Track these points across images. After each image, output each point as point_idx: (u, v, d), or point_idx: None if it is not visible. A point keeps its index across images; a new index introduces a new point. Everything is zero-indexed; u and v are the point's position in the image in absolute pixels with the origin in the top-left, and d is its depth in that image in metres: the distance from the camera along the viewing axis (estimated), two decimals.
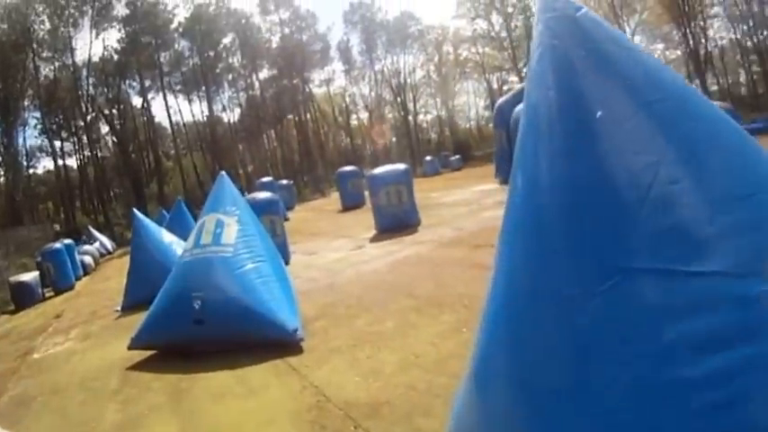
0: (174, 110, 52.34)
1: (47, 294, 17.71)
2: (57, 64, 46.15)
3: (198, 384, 5.63)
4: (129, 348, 6.88)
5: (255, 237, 6.84)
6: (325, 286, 8.80)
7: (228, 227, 6.71)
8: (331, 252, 12.35)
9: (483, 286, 2.00)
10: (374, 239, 12.38)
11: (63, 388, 7.09)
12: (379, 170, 13.92)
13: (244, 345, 5.97)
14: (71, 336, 10.63)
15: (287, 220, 20.34)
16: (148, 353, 7.01)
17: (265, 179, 25.77)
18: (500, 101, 18.06)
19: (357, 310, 6.97)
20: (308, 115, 51.50)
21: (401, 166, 13.89)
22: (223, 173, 7.65)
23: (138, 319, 8.93)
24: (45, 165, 49.61)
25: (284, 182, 31.33)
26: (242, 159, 52.82)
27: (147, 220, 12.08)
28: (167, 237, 12.05)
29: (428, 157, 43.59)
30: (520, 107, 3.47)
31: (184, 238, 10.32)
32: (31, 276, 17.57)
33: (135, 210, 12.41)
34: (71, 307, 14.23)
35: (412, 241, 11.22)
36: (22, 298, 16.79)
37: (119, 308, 11.54)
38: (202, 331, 6.07)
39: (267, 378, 5.21)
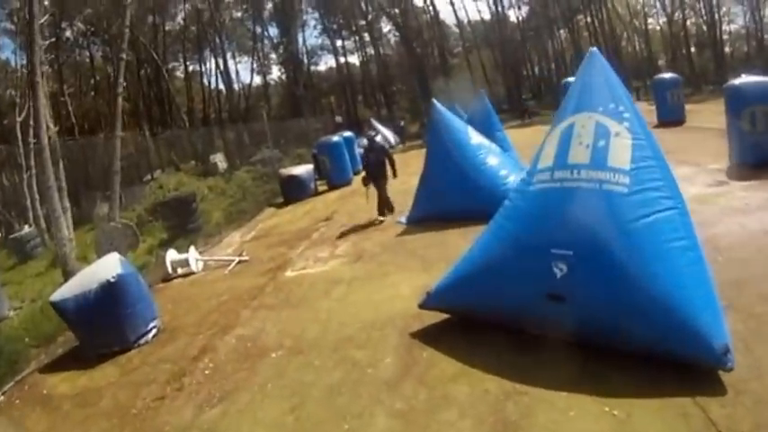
0: (458, 6, 49.95)
1: (319, 188, 16.67)
2: None
3: (537, 419, 3.25)
4: (421, 307, 4.97)
5: (655, 164, 3.65)
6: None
7: (617, 140, 3.60)
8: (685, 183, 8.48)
9: None
10: (737, 175, 8.72)
11: (308, 346, 5.32)
12: (744, 81, 9.83)
13: (623, 350, 3.57)
14: (338, 251, 8.72)
15: None
16: (448, 318, 4.90)
17: (570, 79, 20.84)
18: None
19: None
20: (601, 16, 44.24)
21: None
22: (594, 49, 4.48)
23: (431, 241, 7.61)
24: (327, 61, 51.96)
25: None
26: (529, 60, 48.43)
27: (448, 114, 9.60)
28: (475, 137, 9.32)
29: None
30: None
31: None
32: (303, 170, 16.68)
33: (434, 101, 9.66)
34: (344, 208, 12.73)
35: None
36: (292, 191, 16.06)
37: (403, 219, 9.61)
38: (558, 312, 3.62)
39: None
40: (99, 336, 6.46)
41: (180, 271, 9.86)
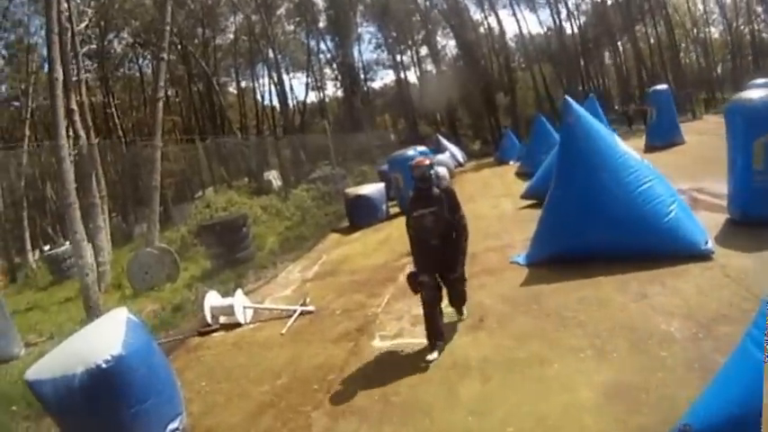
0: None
1: (391, 211, 14.09)
2: None
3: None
4: None
5: None
6: None
7: None
8: None
9: None
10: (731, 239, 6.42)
11: None
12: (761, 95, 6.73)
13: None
14: (445, 306, 5.91)
15: None
16: None
17: (660, 87, 17.97)
18: None
19: None
20: (659, 26, 40.78)
21: None
22: None
23: (580, 297, 5.45)
24: (382, 77, 50.46)
25: None
26: (586, 73, 45.14)
27: (588, 117, 6.75)
28: (620, 144, 6.51)
29: None
30: None
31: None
32: (373, 189, 14.13)
33: (567, 97, 7.03)
34: None
35: None
36: (360, 215, 13.58)
37: (520, 258, 6.85)
38: None
39: None
40: None
41: (222, 320, 7.43)
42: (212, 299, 7.47)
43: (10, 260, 18.83)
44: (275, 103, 43.07)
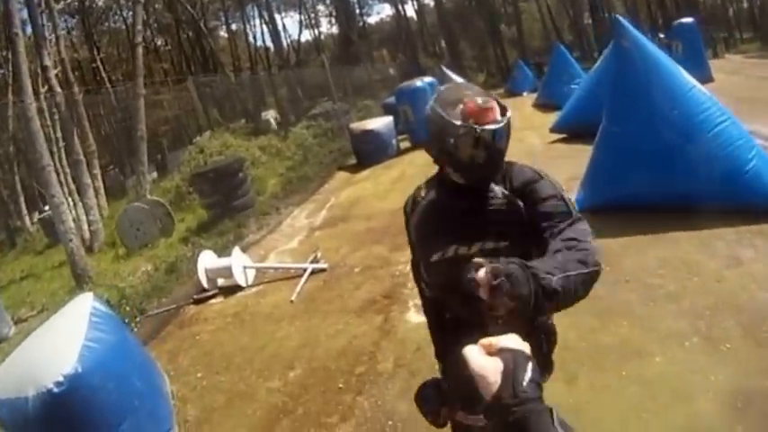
0: None
1: (401, 147, 12.83)
2: None
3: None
4: None
5: None
6: None
7: None
8: None
9: None
10: None
11: None
12: None
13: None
14: None
15: None
16: None
17: (685, 20, 16.32)
18: None
19: None
20: None
21: None
22: None
23: (658, 257, 4.33)
24: (377, 11, 49.00)
25: None
26: (592, 5, 42.86)
27: (644, 39, 5.68)
28: (686, 75, 5.19)
29: None
30: None
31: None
32: (381, 123, 12.84)
33: (619, 17, 5.73)
34: None
35: None
36: (369, 151, 12.30)
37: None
38: None
39: None
40: None
41: (221, 282, 6.36)
42: (207, 260, 6.37)
43: (8, 226, 17.94)
44: (269, 44, 41.69)
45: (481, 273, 1.12)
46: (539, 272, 1.18)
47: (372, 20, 50.68)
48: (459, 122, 1.47)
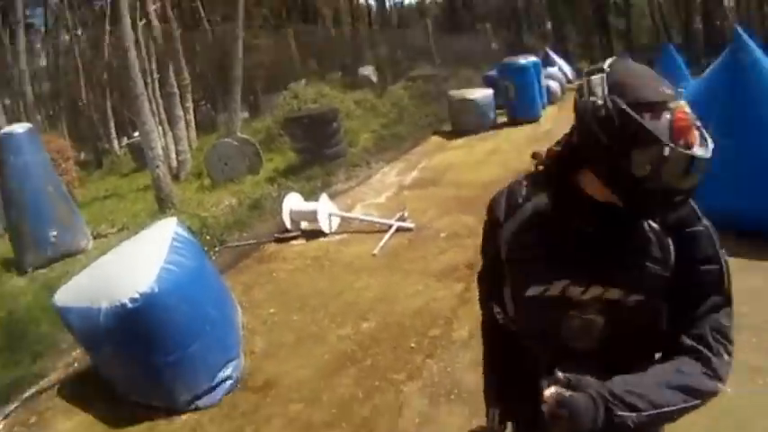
0: None
1: (498, 121, 12.29)
2: None
3: None
4: None
5: None
6: None
7: None
8: None
9: None
10: None
11: None
12: None
13: None
14: None
15: None
16: None
17: None
18: None
19: None
20: None
21: None
22: None
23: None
24: None
25: None
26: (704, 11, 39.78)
27: (762, 55, 5.13)
28: None
29: None
30: None
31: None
32: (481, 94, 12.43)
33: (738, 29, 5.07)
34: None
35: None
36: (466, 120, 11.99)
37: None
38: None
39: None
40: (123, 381, 3.14)
41: (304, 225, 6.25)
42: (293, 201, 6.27)
43: (96, 148, 18.78)
44: (371, 1, 41.34)
45: (547, 393, 0.99)
46: (615, 405, 0.97)
47: None
48: (669, 143, 0.95)
